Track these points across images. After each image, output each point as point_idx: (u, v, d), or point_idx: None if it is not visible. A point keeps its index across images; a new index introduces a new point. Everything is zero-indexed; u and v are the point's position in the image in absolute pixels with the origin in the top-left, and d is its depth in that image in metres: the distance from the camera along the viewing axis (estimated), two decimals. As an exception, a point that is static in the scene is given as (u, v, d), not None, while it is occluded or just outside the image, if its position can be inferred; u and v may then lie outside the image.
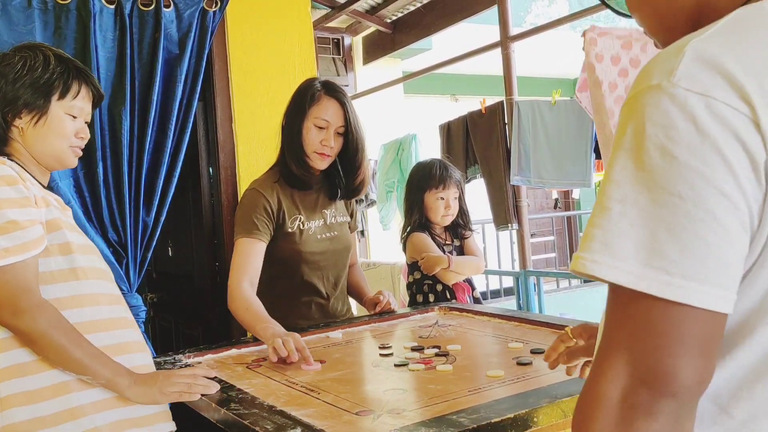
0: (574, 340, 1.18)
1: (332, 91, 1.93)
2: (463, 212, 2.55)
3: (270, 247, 1.91)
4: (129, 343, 1.40)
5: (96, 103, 1.51)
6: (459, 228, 2.56)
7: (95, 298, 1.37)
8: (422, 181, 2.50)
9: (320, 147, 1.90)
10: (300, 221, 1.95)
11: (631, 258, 0.57)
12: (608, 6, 0.92)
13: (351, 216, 2.15)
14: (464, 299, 2.44)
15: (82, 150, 1.49)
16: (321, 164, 1.94)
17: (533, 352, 1.52)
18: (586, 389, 0.60)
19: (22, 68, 1.38)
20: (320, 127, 1.90)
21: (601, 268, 0.58)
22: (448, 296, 2.44)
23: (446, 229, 2.54)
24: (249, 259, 1.84)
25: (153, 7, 2.36)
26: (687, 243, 0.56)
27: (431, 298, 2.45)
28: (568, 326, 1.22)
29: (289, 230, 1.93)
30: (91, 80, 1.47)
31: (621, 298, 0.59)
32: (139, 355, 1.41)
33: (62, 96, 1.41)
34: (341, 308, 2.10)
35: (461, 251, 2.52)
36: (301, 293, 1.99)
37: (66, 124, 1.42)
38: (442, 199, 2.46)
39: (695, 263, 0.56)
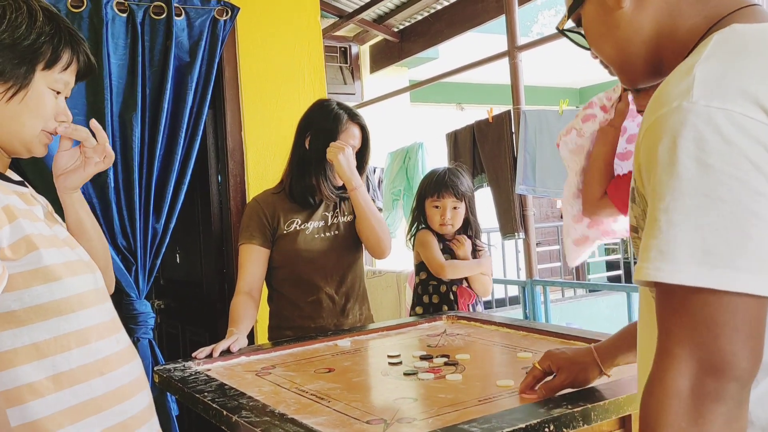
0: (545, 372, 1.23)
1: (354, 117, 2.08)
2: (469, 224, 2.49)
3: (273, 252, 2.04)
4: (118, 354, 1.15)
5: (81, 76, 1.21)
6: (473, 240, 2.50)
7: (73, 303, 1.09)
8: (423, 188, 2.51)
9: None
10: (297, 223, 2.04)
11: (686, 259, 0.63)
12: (570, 39, 0.95)
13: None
14: (465, 306, 2.42)
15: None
16: (340, 182, 2.06)
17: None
18: (654, 385, 0.65)
19: (0, 23, 1.06)
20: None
21: (663, 273, 0.64)
22: (452, 298, 2.43)
23: (458, 234, 2.49)
24: (246, 264, 2.01)
25: (164, 15, 2.38)
26: (733, 239, 0.62)
27: (435, 299, 2.45)
28: (535, 361, 1.26)
29: (285, 232, 2.02)
30: (84, 47, 1.18)
31: (678, 297, 0.65)
32: (126, 369, 1.16)
33: (48, 66, 1.12)
34: (351, 307, 2.11)
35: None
36: (306, 294, 2.04)
37: (47, 101, 1.13)
38: (437, 207, 2.44)
39: (743, 256, 0.62)
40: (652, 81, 0.87)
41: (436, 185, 2.46)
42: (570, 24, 0.93)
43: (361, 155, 2.08)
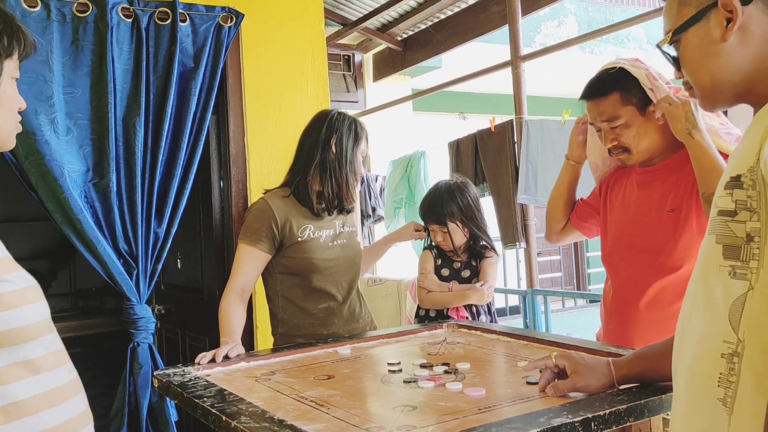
0: (559, 370, 1.28)
1: (365, 127, 2.14)
2: (475, 237, 2.46)
3: (283, 258, 2.01)
4: (68, 385, 1.10)
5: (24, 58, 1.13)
6: (480, 248, 2.48)
7: (29, 332, 1.02)
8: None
9: (359, 175, 2.10)
10: (310, 230, 2.02)
11: None
12: (666, 55, 1.00)
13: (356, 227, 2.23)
14: (454, 314, 2.41)
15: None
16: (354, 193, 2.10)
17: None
18: None
19: None
20: (362, 158, 2.10)
21: None
22: (444, 312, 2.43)
23: (467, 249, 2.47)
24: (243, 264, 1.98)
25: (169, 21, 2.40)
26: None
27: (431, 313, 2.46)
28: (553, 352, 1.30)
29: (299, 239, 2.00)
30: (23, 29, 1.10)
31: None
32: (75, 400, 1.10)
33: (9, 54, 1.06)
34: (359, 310, 2.14)
35: (476, 272, 2.46)
36: (317, 301, 2.04)
37: (14, 92, 1.08)
38: (432, 231, 2.46)
39: None
40: (729, 107, 0.94)
41: (422, 212, 2.48)
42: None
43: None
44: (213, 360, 1.71)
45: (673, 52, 0.98)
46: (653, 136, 1.73)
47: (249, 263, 1.97)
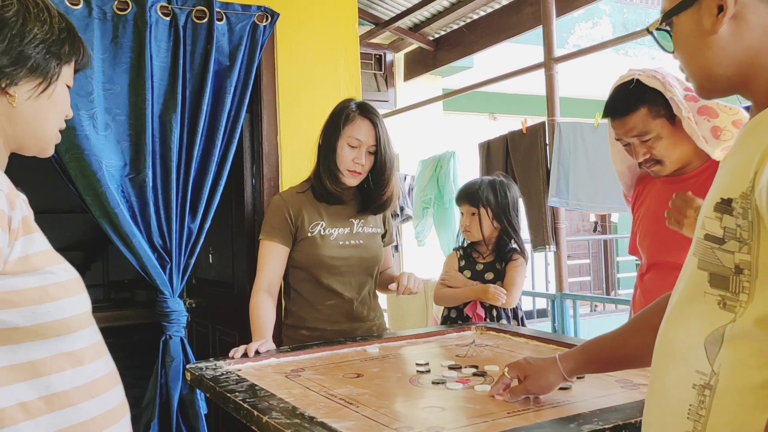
0: (509, 377, 1.34)
1: (366, 111, 2.03)
2: (504, 237, 2.43)
3: (293, 252, 2.04)
4: (106, 377, 1.12)
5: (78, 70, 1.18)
6: (509, 251, 2.45)
7: (72, 324, 1.05)
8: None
9: (352, 165, 2.00)
10: (321, 227, 2.03)
11: None
12: (656, 41, 0.94)
13: (385, 230, 2.19)
14: (470, 311, 2.40)
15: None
16: (352, 181, 2.03)
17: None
18: None
19: (27, 17, 1.04)
20: (353, 146, 2.00)
21: None
22: (465, 315, 2.42)
23: (494, 250, 2.46)
24: (267, 260, 2.01)
25: (206, 19, 2.43)
26: None
27: (453, 314, 2.46)
28: (504, 369, 1.36)
29: (309, 234, 2.02)
30: (83, 42, 1.15)
31: None
32: (113, 392, 1.13)
33: (68, 61, 1.11)
34: (367, 313, 2.11)
35: (500, 276, 2.43)
36: (325, 297, 2.05)
37: (66, 96, 1.14)
38: (462, 213, 2.48)
39: None
40: (726, 96, 0.87)
41: (458, 194, 2.55)
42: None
43: (378, 155, 2.03)
44: (245, 354, 1.74)
45: (667, 41, 0.90)
46: (685, 145, 1.71)
47: (272, 258, 2.01)
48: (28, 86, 1.05)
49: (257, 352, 1.76)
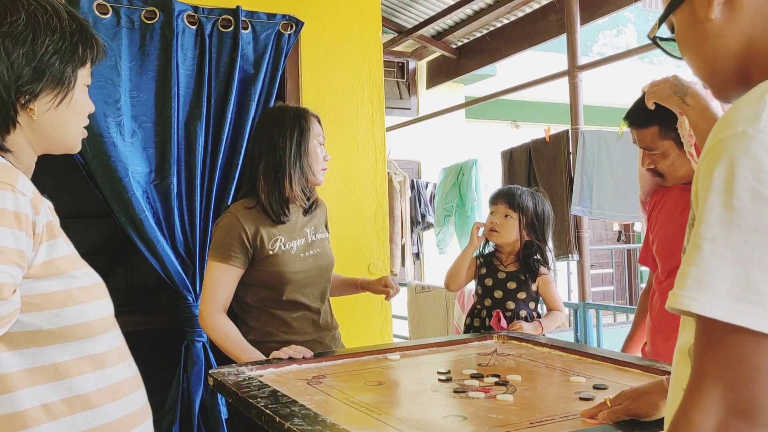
0: (611, 406, 1.22)
1: (311, 111, 2.04)
2: (529, 249, 2.41)
3: (253, 272, 1.94)
4: (129, 380, 1.14)
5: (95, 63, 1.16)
6: (533, 262, 2.42)
7: (95, 327, 1.07)
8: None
9: (323, 163, 2.02)
10: (281, 242, 1.95)
11: (725, 294, 0.60)
12: (661, 48, 0.92)
13: (327, 229, 2.15)
14: (495, 324, 2.38)
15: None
16: (322, 180, 2.03)
17: (596, 387, 1.49)
18: (679, 421, 0.63)
19: (37, 29, 1.02)
20: (321, 144, 2.02)
21: (697, 303, 0.62)
22: (487, 324, 2.40)
23: (517, 260, 2.43)
24: (220, 285, 1.90)
25: (232, 28, 2.46)
26: None
27: (476, 323, 2.44)
28: (608, 398, 1.26)
29: (270, 252, 1.92)
30: (95, 36, 1.13)
31: (714, 333, 0.61)
32: (136, 395, 1.14)
33: (83, 63, 1.10)
34: (330, 320, 2.10)
35: (523, 287, 2.40)
36: (291, 310, 1.99)
37: (85, 98, 1.13)
38: (493, 213, 2.47)
39: None
40: (740, 94, 0.83)
41: (494, 193, 2.54)
42: (666, 33, 0.89)
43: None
44: (290, 358, 1.76)
45: (673, 48, 0.88)
46: (690, 167, 1.75)
47: (226, 282, 1.90)
48: (47, 98, 1.05)
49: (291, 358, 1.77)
